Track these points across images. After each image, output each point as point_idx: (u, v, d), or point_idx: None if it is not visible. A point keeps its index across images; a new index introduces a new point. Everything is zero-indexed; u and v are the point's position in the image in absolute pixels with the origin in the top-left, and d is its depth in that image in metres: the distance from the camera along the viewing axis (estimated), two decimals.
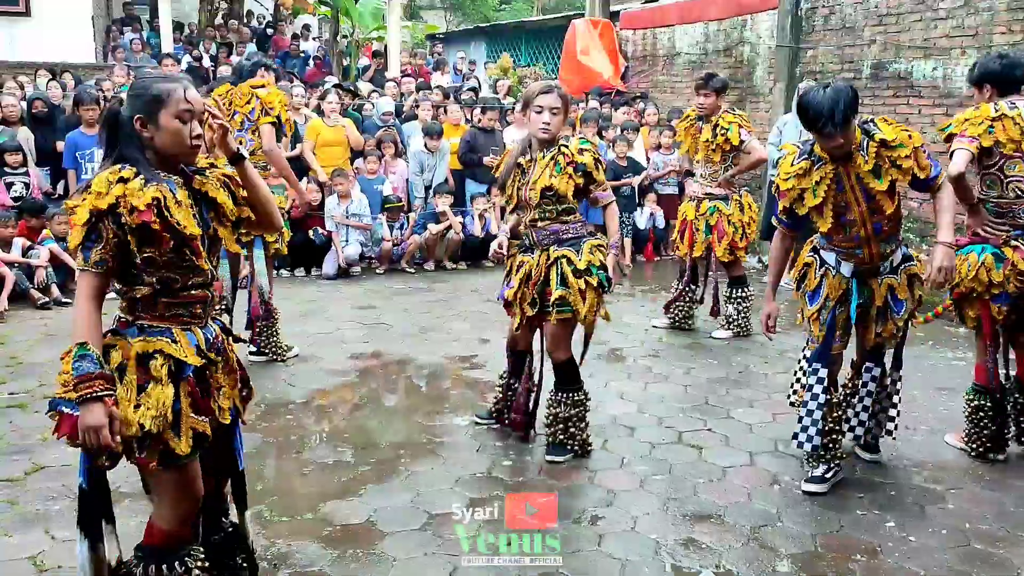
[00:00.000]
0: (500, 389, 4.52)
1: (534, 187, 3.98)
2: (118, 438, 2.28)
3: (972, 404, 4.20)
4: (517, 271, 4.12)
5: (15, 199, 7.70)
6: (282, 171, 5.52)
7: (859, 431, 4.06)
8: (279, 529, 3.46)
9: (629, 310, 7.20)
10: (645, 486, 3.93)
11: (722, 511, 3.70)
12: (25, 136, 8.25)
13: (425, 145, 9.07)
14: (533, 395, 4.34)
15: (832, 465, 3.88)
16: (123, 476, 3.95)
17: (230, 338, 2.67)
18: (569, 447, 4.17)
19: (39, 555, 3.23)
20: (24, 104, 8.80)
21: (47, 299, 6.99)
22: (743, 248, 6.20)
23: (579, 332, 4.17)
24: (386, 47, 16.02)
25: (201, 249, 2.45)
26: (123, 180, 2.30)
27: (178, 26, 17.01)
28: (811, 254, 3.89)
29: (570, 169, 3.93)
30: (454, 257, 8.95)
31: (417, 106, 10.03)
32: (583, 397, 4.19)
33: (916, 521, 3.63)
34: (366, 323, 6.71)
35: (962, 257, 3.95)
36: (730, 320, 6.34)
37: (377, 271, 8.64)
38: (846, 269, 3.75)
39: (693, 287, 6.49)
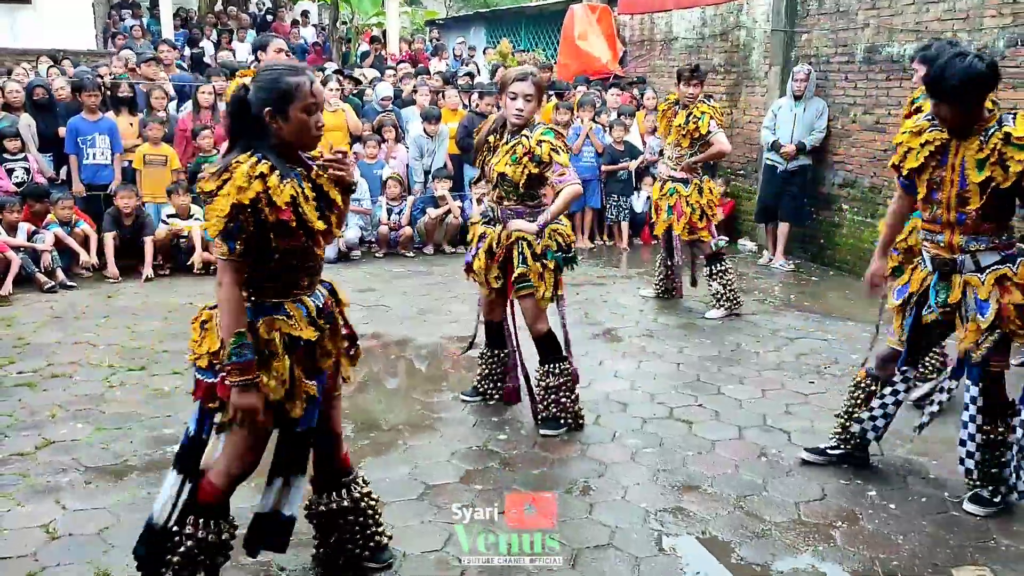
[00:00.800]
0: (481, 365, 4.70)
1: (493, 170, 4.18)
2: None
3: None
4: (480, 241, 4.29)
5: (17, 184, 7.79)
6: None
7: (968, 464, 3.56)
8: None
9: (625, 291, 7.31)
10: (636, 458, 4.06)
11: (710, 481, 3.82)
12: (26, 122, 8.33)
13: (424, 130, 9.16)
14: (520, 370, 4.47)
15: (843, 447, 3.96)
16: (130, 450, 4.10)
17: (336, 299, 2.81)
18: (563, 420, 4.30)
19: (51, 523, 3.35)
20: (25, 91, 8.88)
21: (52, 283, 7.10)
22: (703, 228, 6.39)
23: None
24: (385, 33, 16.06)
25: (322, 241, 2.63)
26: (263, 176, 2.42)
27: (178, 12, 17.08)
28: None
29: (525, 159, 4.08)
30: (453, 241, 9.04)
31: (416, 91, 10.11)
32: (565, 367, 4.31)
33: (897, 490, 3.76)
34: (366, 305, 6.82)
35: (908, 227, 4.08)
36: (719, 297, 6.50)
37: (376, 255, 8.74)
38: (928, 259, 3.53)
39: (670, 261, 6.88)
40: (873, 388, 3.86)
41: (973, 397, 3.48)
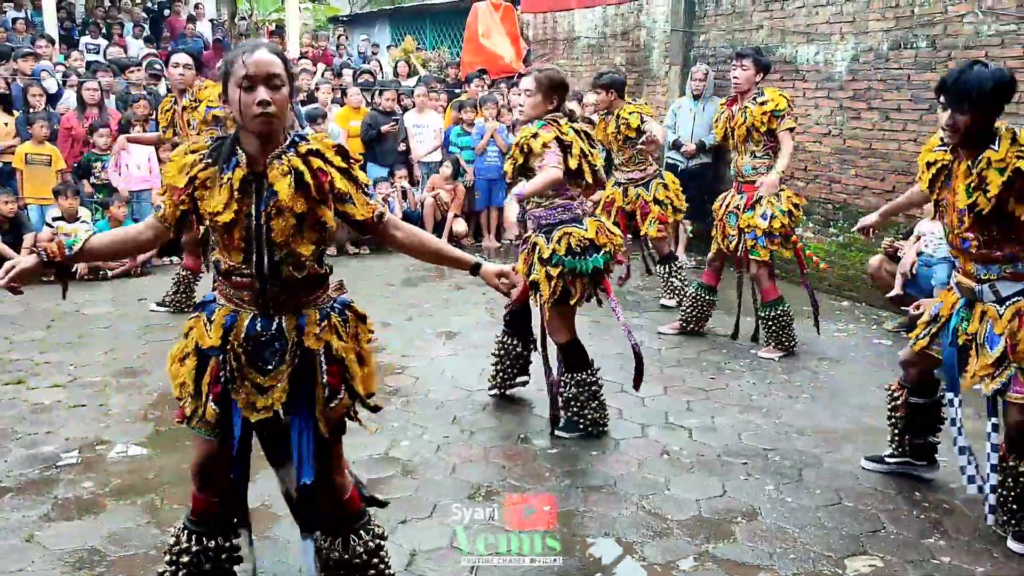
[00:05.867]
0: (494, 354, 4.67)
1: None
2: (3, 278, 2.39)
3: (699, 295, 5.99)
4: (522, 251, 4.29)
5: None
6: None
7: (991, 499, 3.34)
8: (172, 516, 3.40)
9: None
10: (540, 459, 4.03)
11: (613, 481, 3.82)
12: None
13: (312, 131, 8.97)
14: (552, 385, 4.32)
15: (898, 455, 3.89)
16: (4, 470, 3.85)
17: (298, 342, 2.45)
18: (581, 426, 4.26)
19: None
20: None
21: None
22: None
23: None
24: (284, 28, 15.68)
25: (236, 238, 2.32)
26: (193, 151, 2.37)
27: (64, 6, 16.25)
28: None
29: (516, 151, 4.08)
30: (357, 242, 8.88)
31: (317, 89, 9.90)
32: (587, 377, 4.24)
33: (794, 484, 3.83)
34: None
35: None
36: None
37: None
38: (955, 286, 3.37)
39: None
40: (899, 395, 3.73)
41: (989, 432, 3.33)
